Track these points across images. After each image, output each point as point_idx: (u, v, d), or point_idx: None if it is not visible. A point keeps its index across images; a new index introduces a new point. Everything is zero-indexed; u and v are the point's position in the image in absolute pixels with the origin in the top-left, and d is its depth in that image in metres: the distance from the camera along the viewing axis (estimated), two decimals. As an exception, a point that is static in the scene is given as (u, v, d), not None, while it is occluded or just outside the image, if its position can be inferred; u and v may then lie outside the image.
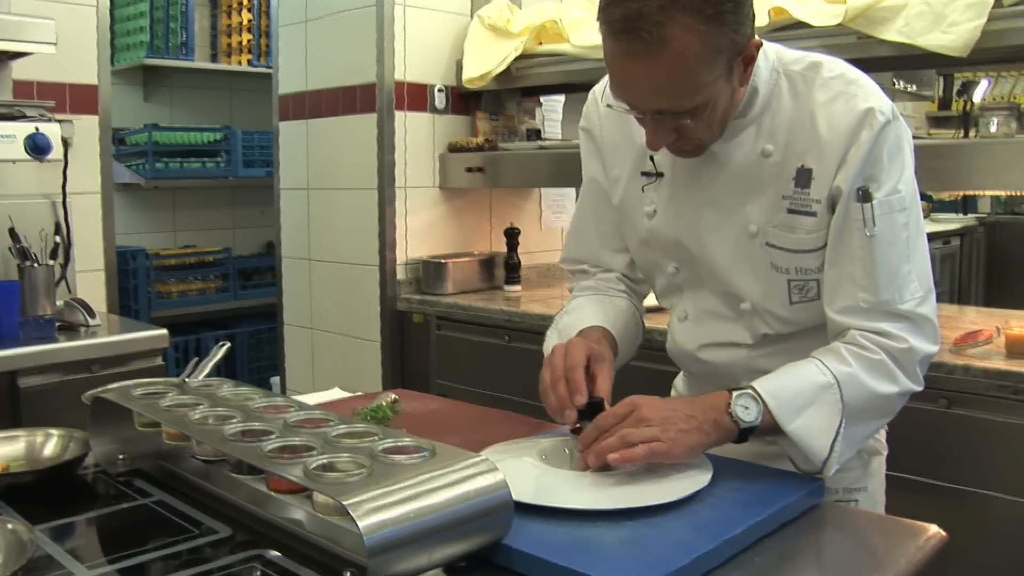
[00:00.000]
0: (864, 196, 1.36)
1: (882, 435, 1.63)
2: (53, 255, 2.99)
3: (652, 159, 1.56)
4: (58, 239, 3.05)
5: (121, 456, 1.47)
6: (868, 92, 1.38)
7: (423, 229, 3.70)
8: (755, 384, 1.36)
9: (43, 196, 3.11)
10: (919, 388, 1.41)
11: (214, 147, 5.00)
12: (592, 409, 1.37)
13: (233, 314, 5.28)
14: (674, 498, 1.19)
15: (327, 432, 1.20)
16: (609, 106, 1.52)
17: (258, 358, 5.28)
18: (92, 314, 2.90)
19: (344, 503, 0.96)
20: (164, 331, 2.91)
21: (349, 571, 1.06)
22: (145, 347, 2.86)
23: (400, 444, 1.15)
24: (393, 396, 1.75)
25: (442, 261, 3.57)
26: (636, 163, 1.59)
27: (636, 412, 1.31)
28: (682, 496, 1.21)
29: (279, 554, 1.16)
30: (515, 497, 1.15)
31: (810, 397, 1.34)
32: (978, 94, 6.04)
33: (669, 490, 1.22)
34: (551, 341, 1.63)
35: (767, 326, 1.52)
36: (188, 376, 1.75)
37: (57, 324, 2.84)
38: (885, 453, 1.64)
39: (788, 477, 1.35)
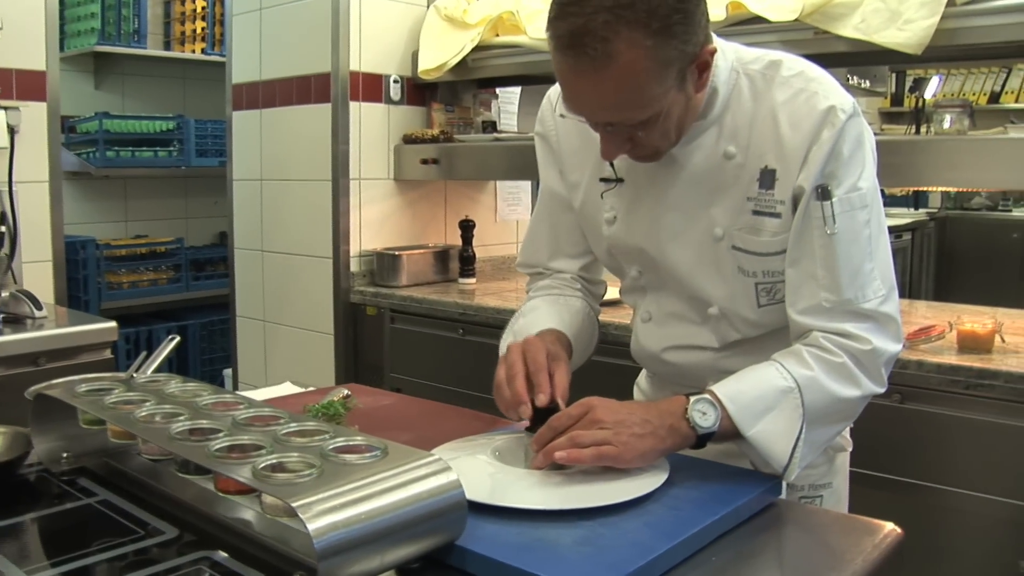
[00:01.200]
0: (824, 194, 1.35)
1: (847, 432, 1.62)
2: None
3: (612, 164, 1.53)
4: (3, 229, 2.98)
5: (65, 454, 1.43)
6: (828, 89, 1.37)
7: (377, 221, 3.66)
8: (714, 388, 1.34)
9: (-12, 184, 3.03)
10: (882, 390, 1.39)
11: (167, 136, 4.92)
12: (547, 412, 1.35)
13: (185, 305, 5.20)
14: (630, 497, 1.18)
15: (277, 430, 1.17)
16: (563, 115, 1.51)
17: (211, 350, 5.21)
18: (39, 306, 2.82)
19: (293, 505, 0.94)
20: (113, 323, 2.84)
21: (299, 573, 1.03)
22: (93, 340, 2.80)
23: (351, 443, 1.12)
24: (346, 392, 1.72)
25: (396, 253, 3.54)
26: (595, 168, 1.56)
27: (590, 413, 1.29)
28: (638, 495, 1.19)
29: (227, 555, 1.13)
30: (469, 496, 1.13)
31: (770, 402, 1.32)
32: (930, 91, 6.10)
33: (625, 489, 1.20)
34: (507, 344, 1.60)
35: (735, 330, 1.51)
36: (136, 371, 1.71)
37: (2, 316, 2.76)
38: (849, 450, 1.63)
39: (745, 475, 1.34)
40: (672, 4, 1.22)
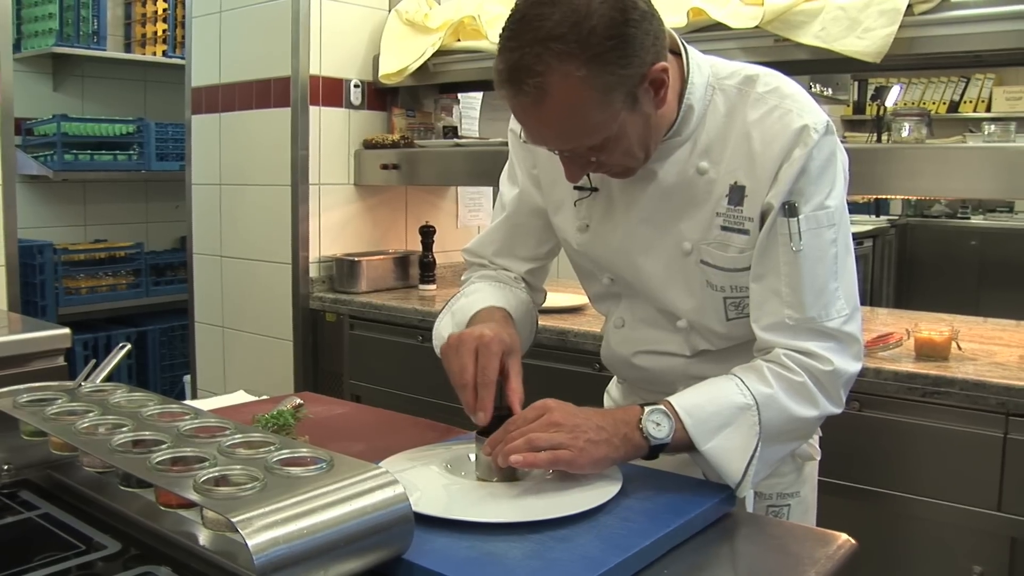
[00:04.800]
0: (791, 210, 1.34)
1: (815, 440, 1.62)
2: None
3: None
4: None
5: (6, 466, 1.38)
6: (803, 108, 1.36)
7: (337, 226, 3.63)
8: (671, 399, 1.32)
9: (-63, 189, 2.97)
10: (838, 411, 1.38)
11: (126, 139, 4.86)
12: (501, 419, 1.33)
13: (145, 311, 5.15)
14: (581, 509, 1.16)
15: (221, 442, 1.14)
16: (525, 140, 1.50)
17: (171, 356, 5.15)
18: (-12, 312, 2.77)
19: (233, 520, 0.91)
20: (66, 330, 2.79)
21: (241, 590, 1.01)
22: (46, 347, 2.75)
23: (296, 455, 1.10)
24: (298, 401, 1.69)
25: (356, 259, 3.50)
26: None
27: (547, 415, 1.27)
28: (590, 507, 1.17)
29: (171, 570, 1.10)
30: (418, 509, 1.11)
31: (727, 417, 1.31)
32: (890, 99, 6.15)
33: (576, 501, 1.18)
34: (444, 325, 1.59)
35: (705, 341, 1.50)
36: (85, 379, 1.68)
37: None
38: (818, 459, 1.63)
39: (699, 486, 1.33)
40: (604, 31, 1.21)
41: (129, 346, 1.84)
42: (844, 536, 1.19)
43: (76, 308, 4.80)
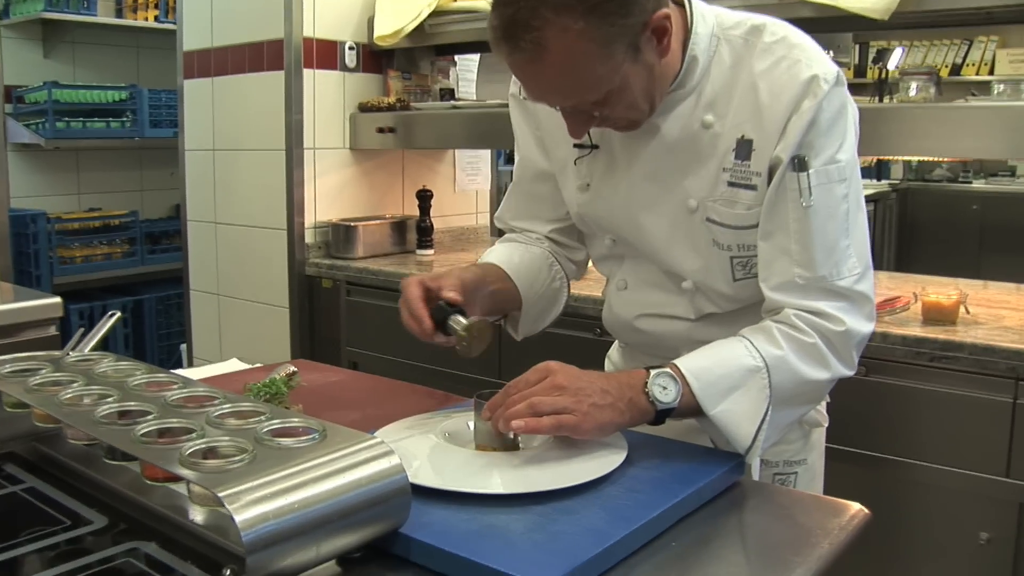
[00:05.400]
0: (800, 164, 1.28)
1: (823, 406, 1.57)
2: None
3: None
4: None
5: (-10, 438, 1.35)
6: (812, 58, 1.30)
7: (333, 191, 3.57)
8: (678, 362, 1.28)
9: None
10: (851, 373, 1.34)
11: (119, 106, 4.80)
12: (444, 314, 1.33)
13: (141, 279, 5.12)
14: (586, 480, 1.12)
15: (210, 412, 1.10)
16: (525, 98, 1.47)
17: (167, 324, 5.12)
18: (-24, 281, 2.72)
19: (220, 495, 0.87)
20: (57, 299, 2.73)
21: (230, 568, 0.96)
22: (37, 316, 2.69)
23: (288, 425, 1.05)
24: (292, 368, 1.64)
25: (352, 224, 3.45)
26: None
27: (550, 378, 1.22)
28: (594, 478, 1.13)
29: (158, 546, 1.06)
30: (416, 481, 1.07)
31: (736, 380, 1.26)
32: (893, 62, 6.08)
33: (581, 471, 1.14)
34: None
35: (710, 303, 1.45)
36: (74, 348, 1.64)
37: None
38: (825, 425, 1.58)
39: (707, 454, 1.29)
40: None
41: (119, 314, 1.81)
42: (857, 506, 1.15)
43: (71, 277, 4.77)
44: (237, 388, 1.44)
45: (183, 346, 4.39)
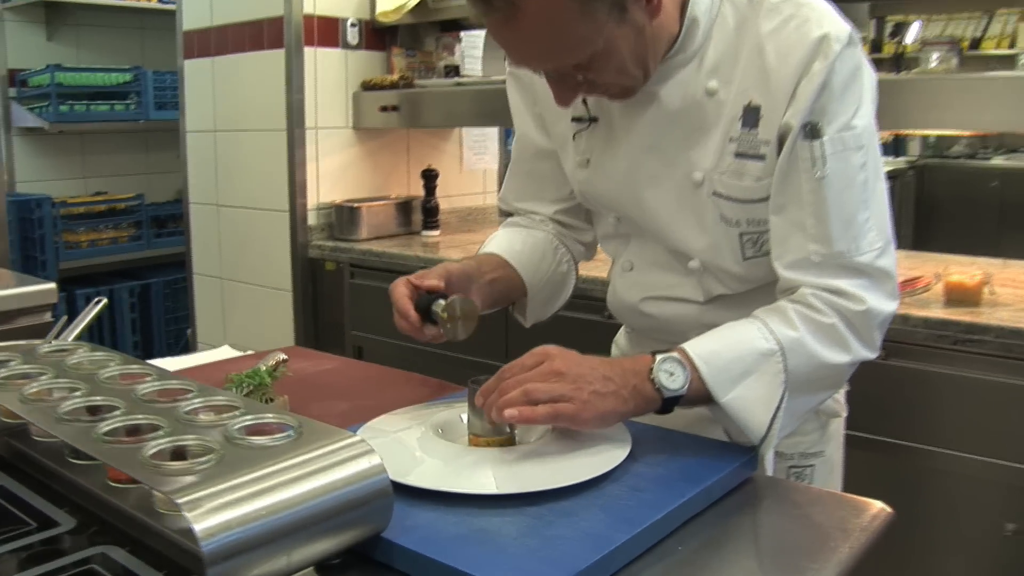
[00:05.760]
0: (813, 132, 1.18)
1: (841, 395, 1.47)
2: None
3: (584, 102, 1.38)
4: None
5: (-42, 434, 1.27)
6: (822, 16, 1.20)
7: (336, 172, 3.49)
8: (686, 347, 1.18)
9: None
10: (873, 355, 1.24)
11: (123, 88, 4.75)
12: (427, 303, 1.26)
13: (147, 263, 5.07)
14: (585, 478, 1.03)
15: (180, 408, 1.02)
16: (510, 67, 1.41)
17: (175, 309, 5.07)
18: (-29, 267, 2.65)
19: (178, 502, 0.79)
20: (52, 285, 2.66)
21: (196, 577, 0.89)
22: (31, 303, 2.62)
23: (262, 421, 0.97)
24: (282, 356, 1.56)
25: (355, 205, 3.37)
26: (569, 110, 1.41)
27: (548, 363, 1.13)
28: (595, 476, 1.05)
29: (126, 552, 0.98)
30: (402, 480, 1.00)
31: (749, 365, 1.16)
32: (910, 36, 5.95)
33: (580, 469, 1.05)
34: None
35: (719, 284, 1.36)
36: (56, 336, 1.57)
37: (-71, 279, 2.60)
38: (844, 415, 1.49)
39: (718, 449, 1.20)
40: None
41: (105, 300, 1.74)
42: (879, 504, 1.07)
43: (77, 262, 4.75)
44: (218, 378, 1.36)
45: (190, 331, 4.34)
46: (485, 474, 1.07)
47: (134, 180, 5.20)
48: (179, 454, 0.91)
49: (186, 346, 4.54)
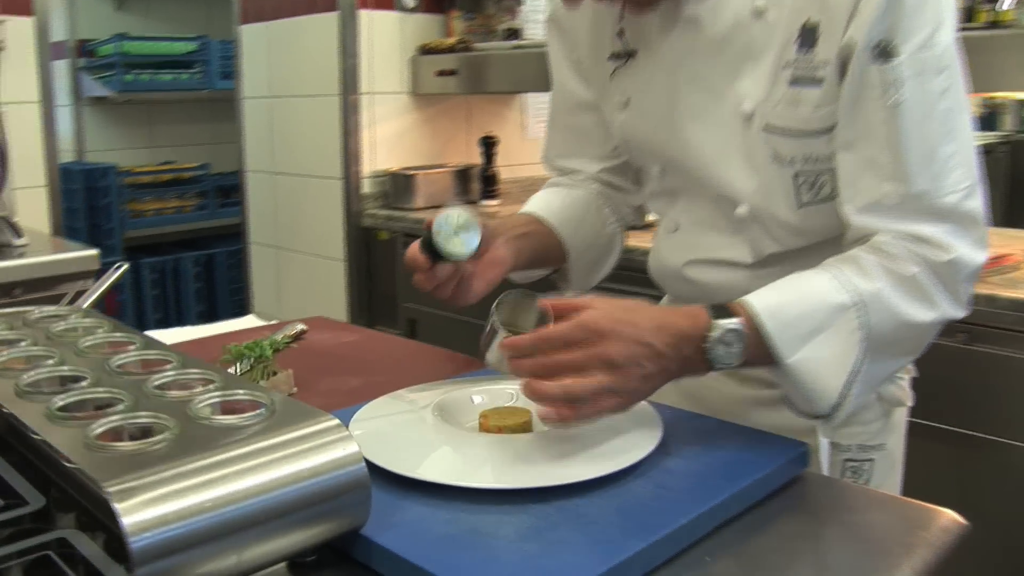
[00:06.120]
0: (884, 53, 1.00)
1: (906, 381, 1.30)
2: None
3: (620, 36, 1.24)
4: (-15, 152, 2.76)
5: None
6: None
7: (392, 139, 3.38)
8: (749, 300, 1.02)
9: (-30, 106, 2.83)
10: (962, 314, 1.07)
11: (189, 58, 4.74)
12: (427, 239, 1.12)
13: (212, 233, 5.05)
14: (601, 474, 0.89)
15: (151, 380, 0.91)
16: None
17: (239, 279, 5.01)
18: (18, 233, 2.61)
19: (108, 491, 0.68)
20: (94, 251, 2.62)
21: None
22: (73, 269, 2.58)
23: (233, 398, 0.86)
24: (301, 327, 1.46)
25: (411, 173, 3.25)
26: (606, 47, 1.28)
27: (598, 348, 0.95)
28: (616, 470, 0.90)
29: (88, 538, 0.88)
30: (392, 468, 0.87)
31: (821, 320, 1.01)
32: (1006, 2, 5.62)
33: (597, 462, 0.91)
34: None
35: (771, 239, 1.19)
36: (71, 303, 1.50)
37: (-25, 245, 2.58)
38: (909, 404, 1.30)
39: (762, 440, 1.03)
40: None
41: (126, 266, 1.67)
42: (950, 514, 0.90)
43: (141, 231, 4.77)
44: (215, 351, 1.25)
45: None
46: (486, 465, 0.94)
47: (200, 150, 5.20)
48: (137, 434, 0.80)
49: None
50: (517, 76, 3.19)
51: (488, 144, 3.34)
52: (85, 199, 4.58)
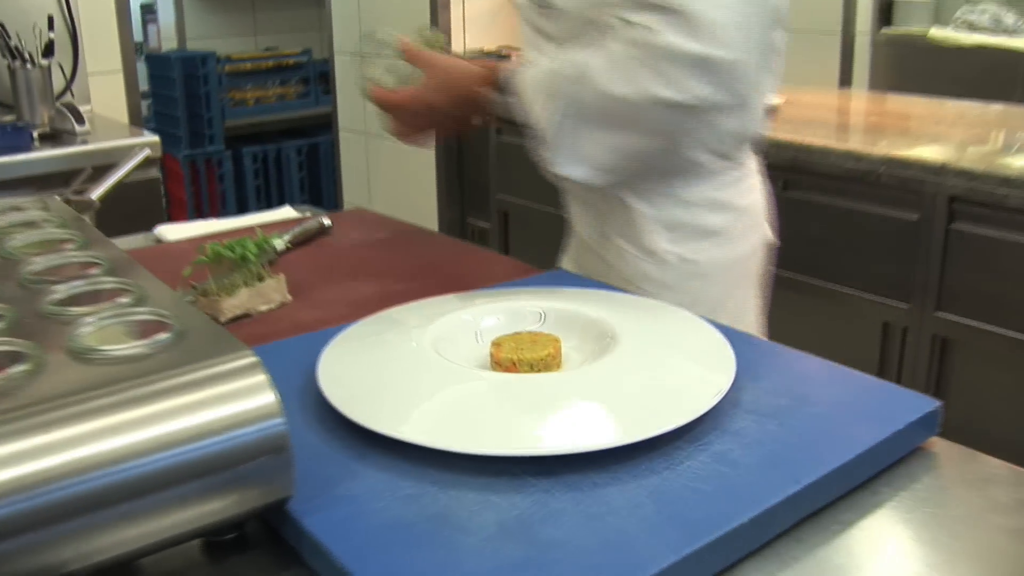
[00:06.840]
0: None
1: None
2: (48, 53, 2.55)
3: None
4: (52, 35, 2.59)
5: None
6: None
7: (484, 16, 3.10)
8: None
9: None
10: (679, 99, 1.02)
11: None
12: None
13: (316, 122, 4.87)
14: (634, 440, 0.63)
15: (54, 294, 0.70)
16: None
17: (341, 168, 4.88)
18: (81, 120, 2.46)
19: None
20: (155, 138, 2.46)
21: None
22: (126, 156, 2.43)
23: (134, 319, 0.64)
24: (325, 221, 1.24)
25: (506, 52, 2.97)
26: None
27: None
28: (647, 437, 0.63)
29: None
30: (354, 417, 0.65)
31: (542, 81, 1.14)
32: None
33: (628, 423, 0.65)
34: None
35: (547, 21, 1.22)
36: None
37: (37, 133, 2.44)
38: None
39: (876, 392, 0.74)
40: None
41: (148, 151, 1.53)
42: None
43: (242, 120, 4.63)
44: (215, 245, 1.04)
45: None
46: (479, 417, 0.68)
47: (305, 36, 4.99)
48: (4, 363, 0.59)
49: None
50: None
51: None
52: (184, 88, 4.45)
